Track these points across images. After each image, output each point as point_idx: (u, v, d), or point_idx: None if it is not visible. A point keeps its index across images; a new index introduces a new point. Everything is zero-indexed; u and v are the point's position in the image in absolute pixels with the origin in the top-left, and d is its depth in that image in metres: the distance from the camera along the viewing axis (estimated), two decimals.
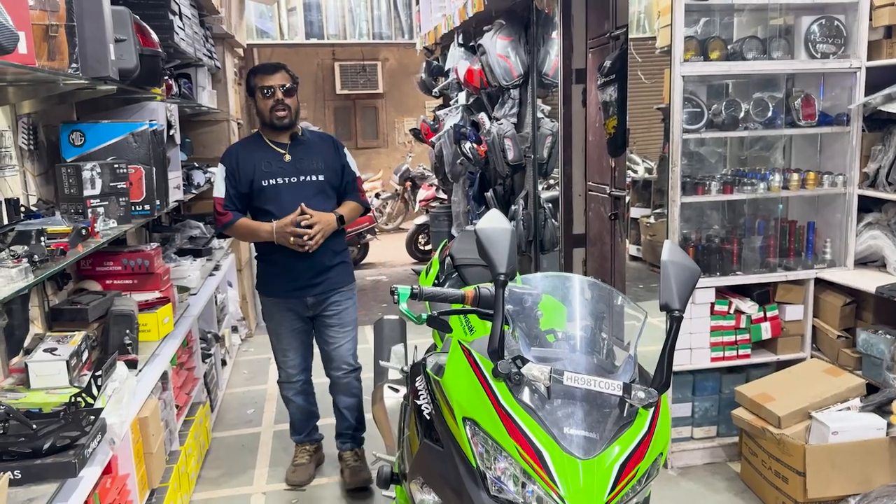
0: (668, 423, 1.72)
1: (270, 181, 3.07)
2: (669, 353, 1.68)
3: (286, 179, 3.08)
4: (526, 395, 1.63)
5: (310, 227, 2.99)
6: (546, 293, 1.91)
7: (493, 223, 1.76)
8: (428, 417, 1.85)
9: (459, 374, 1.73)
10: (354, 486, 3.32)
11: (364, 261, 8.65)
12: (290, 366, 3.34)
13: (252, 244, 3.60)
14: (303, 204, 2.99)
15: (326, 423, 3.63)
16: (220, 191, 3.10)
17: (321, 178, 3.13)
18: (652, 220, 8.66)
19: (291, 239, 2.99)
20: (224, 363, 4.75)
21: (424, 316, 1.91)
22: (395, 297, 1.86)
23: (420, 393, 1.94)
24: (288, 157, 3.11)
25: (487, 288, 1.86)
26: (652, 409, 1.66)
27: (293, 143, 3.14)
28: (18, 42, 1.77)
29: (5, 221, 2.31)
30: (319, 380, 3.48)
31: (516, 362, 1.62)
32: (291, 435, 3.55)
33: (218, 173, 3.12)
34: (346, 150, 3.31)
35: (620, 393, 1.60)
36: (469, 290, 1.87)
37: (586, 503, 1.49)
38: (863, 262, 3.48)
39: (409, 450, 2.01)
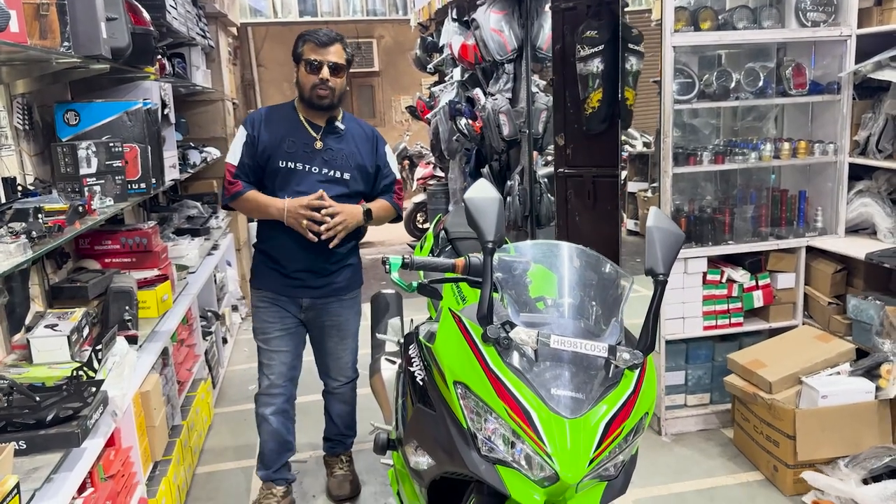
0: (653, 384, 1.76)
1: (290, 164, 2.68)
2: (654, 316, 1.72)
3: (307, 167, 2.69)
4: (515, 358, 1.67)
5: (331, 217, 2.62)
6: (536, 261, 1.94)
7: (482, 192, 1.79)
8: (421, 383, 1.90)
9: (450, 339, 1.77)
10: (341, 497, 3.07)
11: (363, 240, 8.69)
12: (275, 372, 2.89)
13: (253, 229, 3.20)
14: (322, 191, 2.62)
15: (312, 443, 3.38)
16: (234, 156, 2.72)
17: (347, 176, 2.73)
18: (649, 193, 8.65)
19: (304, 222, 2.60)
20: (225, 341, 4.80)
21: (415, 284, 1.95)
22: (387, 266, 1.90)
23: (413, 360, 1.99)
24: (319, 144, 2.71)
25: (478, 257, 1.90)
26: (637, 371, 1.70)
27: (328, 127, 2.74)
28: (10, 20, 1.80)
29: (3, 200, 2.34)
30: (303, 398, 3.19)
31: (505, 327, 1.67)
32: (258, 469, 3.04)
33: (237, 137, 2.74)
34: (387, 147, 2.89)
35: (606, 355, 1.64)
36: (459, 260, 1.90)
37: (573, 460, 1.54)
38: (854, 229, 3.52)
39: (404, 417, 2.06)
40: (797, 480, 2.95)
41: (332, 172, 2.71)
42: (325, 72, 2.63)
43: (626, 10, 3.80)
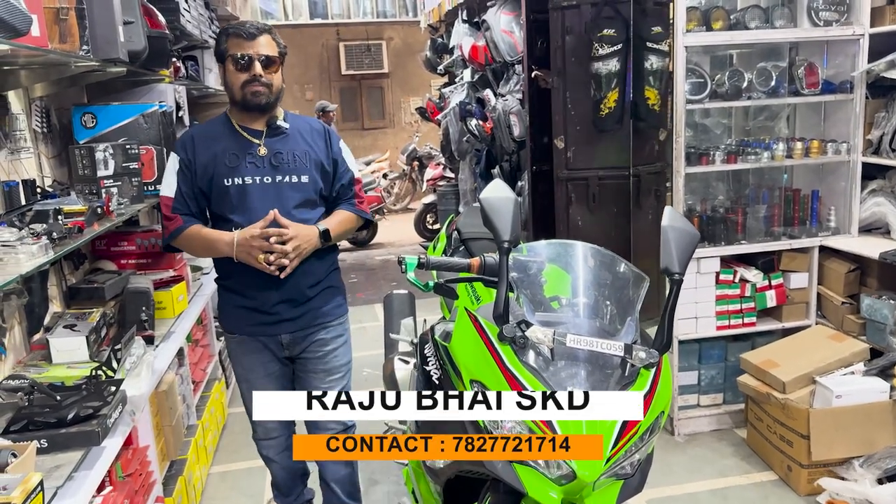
0: (669, 383, 1.77)
1: (236, 180, 2.28)
2: (670, 316, 1.73)
3: (257, 179, 2.29)
4: (531, 357, 1.68)
5: (284, 242, 2.22)
6: (550, 261, 1.95)
7: (497, 192, 1.80)
8: (437, 382, 1.91)
9: (466, 339, 1.79)
10: None
11: (373, 241, 8.74)
12: (269, 425, 2.57)
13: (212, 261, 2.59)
14: (275, 210, 2.22)
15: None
16: (169, 187, 2.32)
17: (305, 178, 2.34)
18: None
19: (260, 256, 2.20)
20: None
21: (431, 283, 1.96)
22: (403, 266, 1.91)
23: (429, 359, 2.00)
24: (263, 150, 2.31)
25: (493, 256, 1.91)
26: (653, 370, 1.71)
27: (270, 130, 2.35)
28: (32, 25, 1.83)
29: (23, 202, 2.37)
30: None
31: (521, 326, 1.68)
32: (275, 497, 2.81)
33: (168, 165, 2.36)
34: (342, 143, 2.50)
35: (622, 353, 1.65)
36: (475, 259, 1.92)
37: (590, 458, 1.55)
38: (867, 228, 3.51)
39: None
40: (811, 480, 2.95)
41: (287, 178, 2.31)
42: (257, 67, 2.25)
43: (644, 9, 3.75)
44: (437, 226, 8.47)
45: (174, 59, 3.62)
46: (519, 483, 1.61)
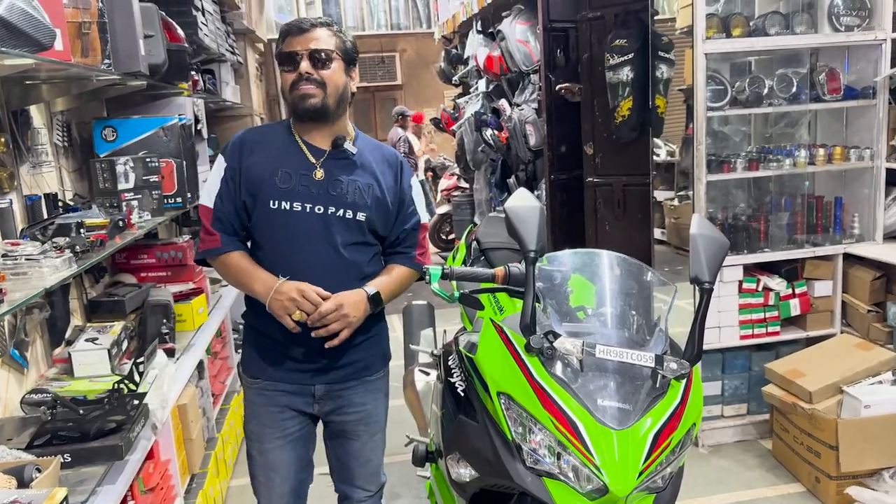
0: (700, 395, 1.74)
1: (283, 204, 1.94)
2: (700, 325, 1.70)
3: (308, 207, 1.94)
4: (558, 368, 1.66)
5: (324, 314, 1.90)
6: (576, 271, 1.93)
7: (523, 201, 1.78)
8: (462, 394, 1.89)
9: (492, 350, 1.76)
10: None
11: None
12: (276, 495, 2.15)
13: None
14: (321, 290, 1.91)
15: None
16: (209, 196, 1.99)
17: (361, 216, 1.98)
18: (676, 202, 8.60)
19: (297, 313, 1.89)
20: None
21: (457, 294, 1.94)
22: (427, 277, 1.89)
23: (453, 371, 1.98)
24: (320, 174, 1.96)
25: (517, 266, 1.89)
26: (684, 381, 1.68)
27: (333, 151, 1.99)
28: (56, 39, 1.83)
29: (45, 215, 2.38)
30: None
31: (548, 337, 1.65)
32: None
33: (214, 169, 2.02)
34: (414, 179, 2.13)
35: (653, 364, 1.62)
36: (499, 269, 1.89)
37: (622, 472, 1.52)
38: (892, 235, 3.46)
39: (444, 428, 2.05)
40: (840, 493, 2.89)
41: (341, 212, 1.96)
42: (304, 64, 1.89)
43: (654, 18, 3.79)
44: (452, 236, 8.45)
45: (193, 73, 3.64)
46: (549, 497, 1.58)
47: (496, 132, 5.56)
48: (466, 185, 7.85)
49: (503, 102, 5.61)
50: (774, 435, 3.32)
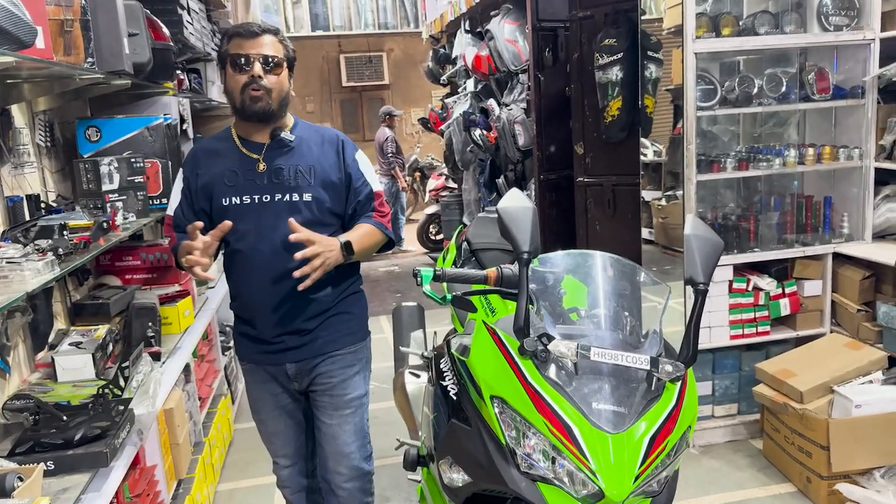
0: (695, 397, 1.72)
1: (234, 200, 2.09)
2: (695, 327, 1.68)
3: (256, 198, 2.09)
4: (552, 371, 1.63)
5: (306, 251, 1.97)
6: (568, 272, 1.91)
7: (515, 202, 1.76)
8: (455, 398, 1.86)
9: (485, 353, 1.74)
10: None
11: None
12: (280, 455, 2.38)
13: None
14: (291, 219, 1.99)
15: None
16: (171, 205, 2.20)
17: (309, 197, 2.10)
18: (663, 202, 8.66)
19: (184, 258, 1.96)
20: None
21: (449, 296, 1.91)
22: (419, 279, 1.87)
23: (445, 374, 1.95)
24: (262, 166, 2.10)
25: (510, 268, 1.86)
26: (679, 383, 1.66)
27: (272, 143, 2.13)
28: (37, 37, 1.79)
29: (27, 217, 2.33)
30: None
31: (542, 339, 1.63)
32: None
33: (175, 183, 2.22)
34: (358, 153, 2.25)
35: (648, 367, 1.60)
36: (491, 271, 1.87)
37: (617, 477, 1.49)
38: (881, 234, 3.47)
39: (436, 432, 2.02)
40: (832, 492, 2.89)
41: (286, 197, 2.08)
42: (257, 68, 2.02)
43: (642, 17, 3.78)
44: (440, 236, 8.43)
45: (178, 72, 3.58)
46: (543, 502, 1.56)
47: (485, 132, 5.54)
48: (455, 186, 7.83)
49: (491, 102, 5.59)
50: (765, 435, 3.32)
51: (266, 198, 2.10)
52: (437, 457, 1.91)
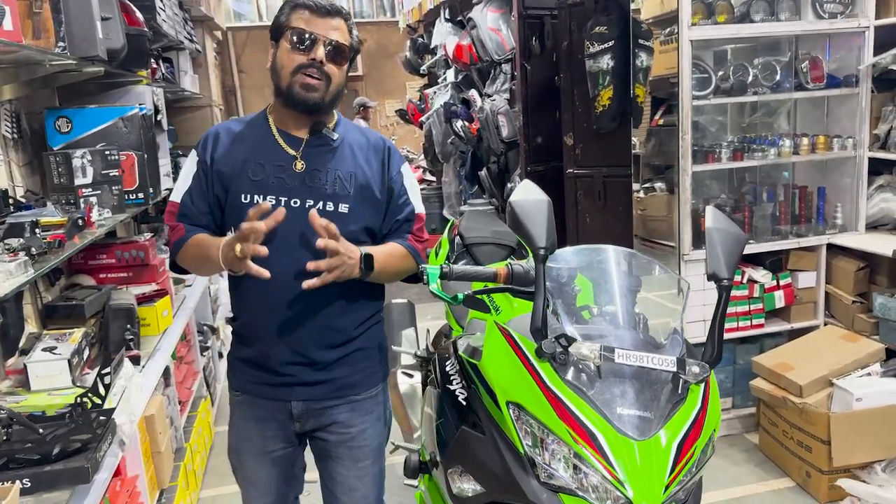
0: (717, 398, 1.64)
1: (255, 197, 1.76)
2: (720, 325, 1.60)
3: (283, 200, 1.75)
4: (571, 374, 1.54)
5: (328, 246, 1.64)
6: (582, 268, 1.81)
7: (529, 194, 1.65)
8: (464, 403, 1.76)
9: (499, 356, 1.63)
10: None
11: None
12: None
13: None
14: (314, 211, 1.68)
15: None
16: (178, 192, 1.84)
17: (345, 208, 1.79)
18: (642, 194, 8.64)
19: (237, 247, 1.57)
20: (221, 355, 4.61)
21: (461, 296, 1.80)
22: (425, 277, 1.75)
23: (452, 378, 1.84)
24: (300, 165, 1.78)
25: (521, 265, 1.76)
26: (703, 385, 1.57)
27: (313, 138, 1.82)
28: (4, 17, 1.64)
29: None
30: None
31: (560, 341, 1.53)
32: None
33: (186, 164, 1.86)
34: (404, 166, 1.93)
35: (675, 369, 1.51)
36: (501, 268, 1.76)
37: (647, 485, 1.40)
38: (874, 225, 3.44)
39: (441, 438, 1.92)
40: (832, 487, 2.85)
41: (319, 205, 1.77)
42: (321, 51, 1.72)
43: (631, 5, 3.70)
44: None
45: (152, 60, 3.41)
46: None
47: (466, 123, 5.43)
48: (433, 178, 7.70)
49: (473, 93, 5.48)
50: (761, 429, 3.27)
51: (296, 202, 1.75)
52: (445, 465, 1.80)
